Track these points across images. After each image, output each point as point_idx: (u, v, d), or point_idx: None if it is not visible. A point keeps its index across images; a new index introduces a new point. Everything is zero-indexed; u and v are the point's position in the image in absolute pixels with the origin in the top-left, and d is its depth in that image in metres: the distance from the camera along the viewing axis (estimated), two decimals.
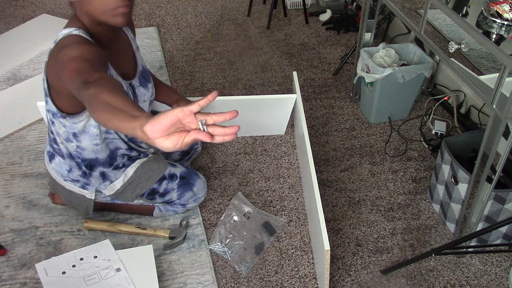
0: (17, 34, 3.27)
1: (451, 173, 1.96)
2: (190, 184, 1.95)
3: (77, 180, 1.80)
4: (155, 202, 1.93)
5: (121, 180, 1.83)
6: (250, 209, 2.07)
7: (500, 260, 1.95)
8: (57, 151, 1.77)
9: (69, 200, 1.88)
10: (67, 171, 1.78)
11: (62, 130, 1.64)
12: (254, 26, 3.52)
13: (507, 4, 1.75)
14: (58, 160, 1.79)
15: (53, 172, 1.82)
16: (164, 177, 1.89)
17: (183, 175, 1.95)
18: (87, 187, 1.82)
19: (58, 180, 1.83)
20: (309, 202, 1.96)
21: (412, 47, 2.60)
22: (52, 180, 1.87)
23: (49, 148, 1.81)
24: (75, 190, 1.83)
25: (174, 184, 1.92)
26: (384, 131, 2.59)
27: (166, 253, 1.90)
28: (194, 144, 2.21)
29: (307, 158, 1.96)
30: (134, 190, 1.86)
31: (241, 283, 1.82)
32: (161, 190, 1.90)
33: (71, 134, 1.65)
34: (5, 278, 1.78)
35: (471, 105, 2.54)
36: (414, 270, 1.90)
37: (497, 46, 1.63)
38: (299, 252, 1.94)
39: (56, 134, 1.69)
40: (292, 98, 2.29)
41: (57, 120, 1.62)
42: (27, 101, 2.63)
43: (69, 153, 1.74)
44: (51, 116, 1.63)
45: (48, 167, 1.84)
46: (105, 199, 1.89)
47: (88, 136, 1.65)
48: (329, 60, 3.15)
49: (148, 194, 1.89)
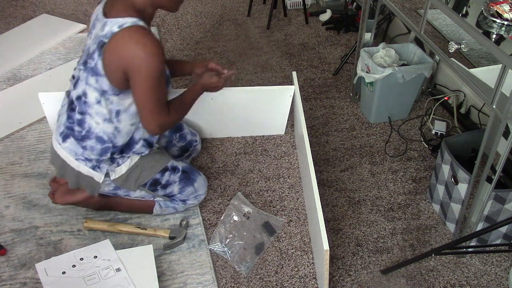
0: (17, 34, 3.27)
1: (451, 173, 1.96)
2: (191, 179, 1.98)
3: (89, 160, 1.81)
4: (157, 194, 1.93)
5: (127, 164, 1.85)
6: (250, 209, 2.07)
7: (500, 260, 1.95)
8: (76, 133, 1.78)
9: (76, 182, 1.87)
10: (82, 149, 1.79)
11: (108, 108, 1.72)
12: (254, 26, 3.52)
13: (507, 4, 1.75)
14: (73, 140, 1.80)
15: (64, 152, 1.82)
16: (167, 168, 1.92)
17: (185, 170, 1.98)
18: (97, 169, 1.82)
19: (69, 160, 1.82)
20: (309, 202, 1.97)
21: (412, 47, 2.60)
22: (60, 162, 1.85)
23: (62, 129, 1.81)
24: (84, 171, 1.83)
25: (176, 177, 1.94)
26: (384, 131, 2.59)
27: (166, 253, 1.90)
28: (193, 141, 2.24)
29: (306, 159, 1.96)
30: (138, 178, 1.87)
31: (241, 283, 1.82)
32: (163, 181, 1.91)
33: (115, 112, 1.74)
34: (5, 278, 1.78)
35: (471, 105, 2.54)
36: (414, 270, 1.90)
37: (497, 46, 1.63)
38: (299, 252, 1.94)
39: (95, 114, 1.73)
40: (290, 89, 2.29)
41: (105, 98, 1.70)
42: (27, 101, 2.63)
43: (99, 136, 1.77)
44: (97, 95, 1.69)
45: (58, 147, 1.83)
46: (108, 187, 1.88)
47: (128, 115, 1.76)
48: (329, 60, 3.15)
49: (151, 185, 1.90)
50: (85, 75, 1.70)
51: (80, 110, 1.75)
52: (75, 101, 1.76)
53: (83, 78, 1.72)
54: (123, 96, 1.71)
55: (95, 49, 1.64)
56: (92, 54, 1.66)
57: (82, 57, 1.76)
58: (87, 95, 1.72)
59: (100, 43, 1.62)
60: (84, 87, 1.72)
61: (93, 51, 1.66)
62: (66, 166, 1.85)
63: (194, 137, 2.25)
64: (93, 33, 1.71)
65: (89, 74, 1.69)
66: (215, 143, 2.46)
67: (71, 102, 1.78)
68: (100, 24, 1.66)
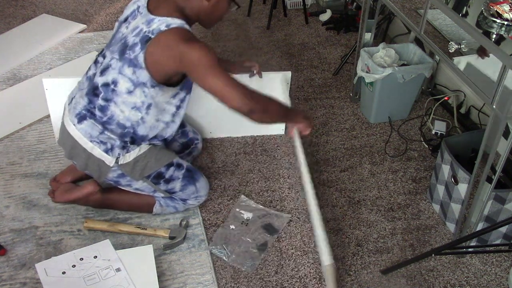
0: (17, 34, 3.27)
1: (451, 173, 1.96)
2: (194, 179, 1.99)
3: (104, 143, 1.81)
4: (159, 188, 1.93)
5: (136, 152, 1.85)
6: (250, 215, 2.06)
7: (500, 260, 1.95)
8: (97, 117, 1.79)
9: (85, 164, 1.87)
10: (98, 132, 1.80)
11: (141, 100, 1.75)
12: (254, 26, 3.52)
13: (507, 4, 1.75)
14: (91, 122, 1.81)
15: (79, 133, 1.82)
16: (172, 164, 1.93)
17: (189, 168, 1.99)
18: (110, 152, 1.82)
19: (82, 142, 1.82)
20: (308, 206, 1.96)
21: (412, 47, 2.60)
22: (71, 143, 1.85)
23: (79, 110, 1.82)
24: (96, 153, 1.83)
25: (180, 174, 1.95)
26: (384, 131, 2.59)
27: (166, 253, 1.90)
28: (195, 138, 2.25)
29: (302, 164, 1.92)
30: (144, 169, 1.87)
31: (241, 283, 1.82)
32: (167, 176, 1.92)
33: (146, 105, 1.77)
34: (5, 278, 1.78)
35: (471, 105, 2.54)
36: (414, 270, 1.90)
37: (497, 46, 1.63)
38: (299, 252, 1.94)
39: (122, 103, 1.75)
40: (287, 75, 2.29)
41: (140, 89, 1.73)
42: (27, 101, 2.63)
43: (121, 123, 1.79)
44: (129, 86, 1.72)
45: (72, 128, 1.83)
46: (113, 174, 1.87)
47: (157, 110, 1.80)
48: (329, 60, 3.15)
49: (154, 177, 1.90)
50: (120, 64, 1.72)
51: (105, 97, 1.77)
52: (101, 87, 1.77)
53: (116, 67, 1.73)
54: (159, 90, 1.75)
55: (137, 42, 1.68)
56: (133, 46, 1.69)
57: (115, 44, 1.78)
58: (118, 84, 1.74)
59: (145, 38, 1.66)
60: (115, 76, 1.73)
61: (133, 44, 1.69)
62: (77, 147, 1.85)
63: (195, 136, 2.27)
64: (131, 24, 1.75)
65: (125, 64, 1.71)
66: (215, 143, 2.46)
67: (95, 88, 1.79)
68: (144, 19, 1.70)
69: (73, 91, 1.93)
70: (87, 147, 1.83)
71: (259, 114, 1.70)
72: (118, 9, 3.65)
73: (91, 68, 1.87)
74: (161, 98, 1.78)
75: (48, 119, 2.44)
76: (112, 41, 1.83)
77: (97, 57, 1.86)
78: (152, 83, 1.72)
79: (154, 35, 1.65)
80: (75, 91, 1.91)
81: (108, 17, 3.55)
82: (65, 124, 1.88)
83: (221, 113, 2.38)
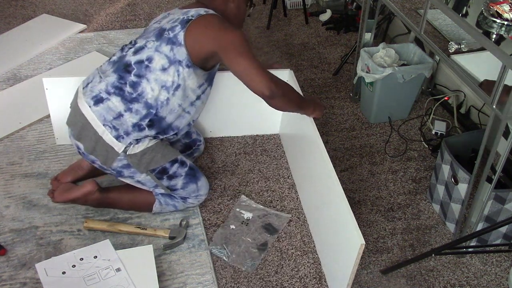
0: (17, 34, 3.27)
1: (451, 173, 1.96)
2: (196, 177, 2.00)
3: (116, 128, 1.82)
4: (161, 183, 1.94)
5: (145, 144, 1.86)
6: (250, 215, 2.06)
7: (500, 260, 1.95)
8: (126, 93, 1.82)
9: (93, 147, 1.87)
10: (113, 117, 1.82)
11: (172, 79, 1.82)
12: (254, 26, 3.52)
13: (507, 4, 1.75)
14: (108, 105, 1.82)
15: (93, 114, 1.83)
16: (177, 160, 1.94)
17: (192, 167, 2.01)
18: (121, 139, 1.83)
19: (94, 124, 1.83)
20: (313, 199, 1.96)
21: (412, 47, 2.60)
22: (82, 123, 1.85)
23: (98, 93, 1.84)
24: (107, 138, 1.83)
25: (183, 171, 1.96)
26: (384, 131, 2.59)
27: (166, 253, 1.90)
28: (197, 140, 2.28)
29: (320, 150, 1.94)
30: (150, 162, 1.88)
31: (241, 283, 1.82)
32: (170, 172, 1.93)
33: (176, 85, 1.83)
34: (5, 278, 1.79)
35: (471, 105, 2.55)
36: (414, 270, 1.90)
37: (497, 46, 1.63)
38: (299, 252, 1.94)
39: (154, 80, 1.81)
40: (285, 73, 2.28)
41: (175, 67, 1.81)
42: (27, 101, 2.63)
43: (148, 103, 1.83)
44: (164, 63, 1.80)
45: (87, 109, 1.84)
46: (118, 163, 1.87)
47: (183, 94, 1.86)
48: (329, 60, 3.15)
49: (158, 172, 1.91)
50: (158, 43, 1.81)
51: (138, 73, 1.81)
52: (134, 64, 1.83)
53: (151, 46, 1.82)
54: (192, 72, 1.82)
55: (177, 24, 1.80)
56: (173, 28, 1.80)
57: (148, 33, 1.89)
58: (153, 60, 1.80)
59: (185, 20, 1.79)
60: (151, 53, 1.81)
61: (172, 27, 1.81)
62: (87, 129, 1.85)
63: (198, 137, 2.29)
64: (165, 19, 1.89)
65: (163, 43, 1.80)
66: (215, 143, 2.46)
67: (128, 65, 1.84)
68: (179, 12, 1.86)
69: (89, 77, 1.94)
70: (99, 130, 1.83)
71: (279, 100, 1.83)
72: (118, 9, 3.66)
73: (115, 54, 1.91)
74: (190, 82, 1.85)
75: (48, 119, 2.44)
76: (145, 32, 1.94)
77: (123, 46, 1.93)
78: (188, 62, 1.80)
79: (194, 17, 1.79)
80: (92, 77, 1.92)
81: (108, 17, 3.55)
82: (79, 105, 1.87)
83: (221, 112, 2.39)
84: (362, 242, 1.49)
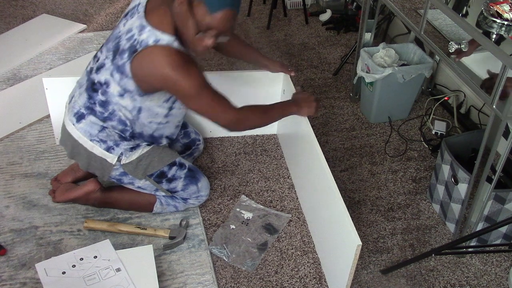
0: (17, 34, 3.27)
1: (451, 173, 1.96)
2: (196, 178, 1.99)
3: (104, 141, 1.81)
4: (161, 186, 1.94)
5: (139, 151, 1.86)
6: (250, 215, 2.06)
7: (500, 260, 1.95)
8: (98, 113, 1.80)
9: (88, 163, 1.88)
10: (98, 130, 1.81)
11: (132, 103, 1.75)
12: (254, 26, 3.52)
13: (507, 4, 1.75)
14: (89, 120, 1.81)
15: (78, 132, 1.83)
16: (175, 163, 1.94)
17: (191, 168, 2.00)
18: (112, 151, 1.83)
19: (82, 141, 1.83)
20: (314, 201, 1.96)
21: (412, 47, 2.60)
22: (72, 143, 1.86)
23: (77, 109, 1.82)
24: (98, 152, 1.83)
25: (182, 173, 1.95)
26: (384, 131, 2.59)
27: (166, 253, 1.90)
28: (197, 139, 2.26)
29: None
30: (146, 168, 1.88)
31: (241, 283, 1.82)
32: (169, 175, 1.93)
33: (137, 108, 1.77)
34: (5, 278, 1.78)
35: (471, 105, 2.55)
36: (414, 270, 1.90)
37: (497, 46, 1.63)
38: (299, 252, 1.94)
39: (116, 103, 1.76)
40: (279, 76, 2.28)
41: (130, 95, 1.73)
42: (27, 101, 2.63)
43: (122, 120, 1.80)
44: (120, 90, 1.72)
45: (72, 128, 1.84)
46: (115, 172, 1.87)
47: (148, 114, 1.80)
48: (329, 60, 3.15)
49: (157, 176, 1.91)
50: (112, 68, 1.71)
51: (104, 92, 1.77)
52: (97, 84, 1.77)
53: (108, 68, 1.73)
54: (147, 97, 1.74)
55: (127, 49, 1.65)
56: (123, 52, 1.67)
57: (112, 41, 1.75)
58: (110, 86, 1.74)
59: (133, 48, 1.63)
60: (108, 77, 1.73)
61: (123, 50, 1.67)
62: (78, 147, 1.85)
63: (197, 136, 2.27)
64: (128, 23, 1.70)
65: (115, 69, 1.70)
66: (215, 143, 2.46)
67: (93, 83, 1.79)
68: (139, 21, 1.65)
69: (73, 90, 1.93)
70: (87, 146, 1.83)
71: (245, 124, 1.83)
72: (118, 9, 3.65)
73: (90, 62, 1.87)
74: (151, 103, 1.77)
75: (48, 119, 2.44)
76: (111, 36, 1.80)
77: (97, 52, 1.86)
78: (139, 92, 1.72)
79: (141, 47, 1.61)
80: (75, 89, 1.91)
81: (108, 17, 3.55)
82: (65, 123, 1.88)
83: None
84: (359, 243, 1.49)
